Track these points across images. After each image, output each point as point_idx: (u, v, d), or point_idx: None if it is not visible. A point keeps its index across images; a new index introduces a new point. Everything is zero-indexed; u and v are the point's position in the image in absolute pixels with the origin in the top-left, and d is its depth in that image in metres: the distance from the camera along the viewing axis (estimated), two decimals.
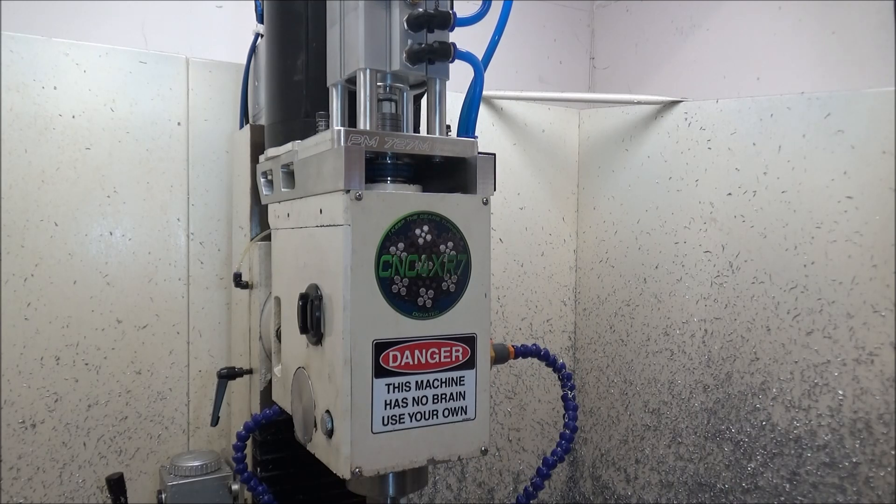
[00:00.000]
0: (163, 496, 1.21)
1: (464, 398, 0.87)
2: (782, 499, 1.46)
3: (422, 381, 0.84)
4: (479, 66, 0.92)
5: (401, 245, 0.82)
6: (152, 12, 1.56)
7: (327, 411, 0.84)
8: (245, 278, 1.21)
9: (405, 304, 0.82)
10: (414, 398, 0.83)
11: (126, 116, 1.37)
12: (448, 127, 0.91)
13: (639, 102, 1.70)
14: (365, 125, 0.84)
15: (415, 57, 0.84)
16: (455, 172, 0.89)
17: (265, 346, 1.14)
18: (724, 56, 1.83)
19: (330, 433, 0.83)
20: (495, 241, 1.73)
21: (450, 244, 0.85)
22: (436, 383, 0.85)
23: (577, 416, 1.07)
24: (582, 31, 2.21)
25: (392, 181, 0.87)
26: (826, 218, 1.40)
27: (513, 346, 1.03)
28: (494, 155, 0.89)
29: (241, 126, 1.38)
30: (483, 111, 1.70)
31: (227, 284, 1.46)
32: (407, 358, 0.83)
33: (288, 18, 1.08)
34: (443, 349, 0.85)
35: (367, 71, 0.83)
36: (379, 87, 0.87)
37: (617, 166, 1.77)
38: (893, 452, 1.32)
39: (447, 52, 0.84)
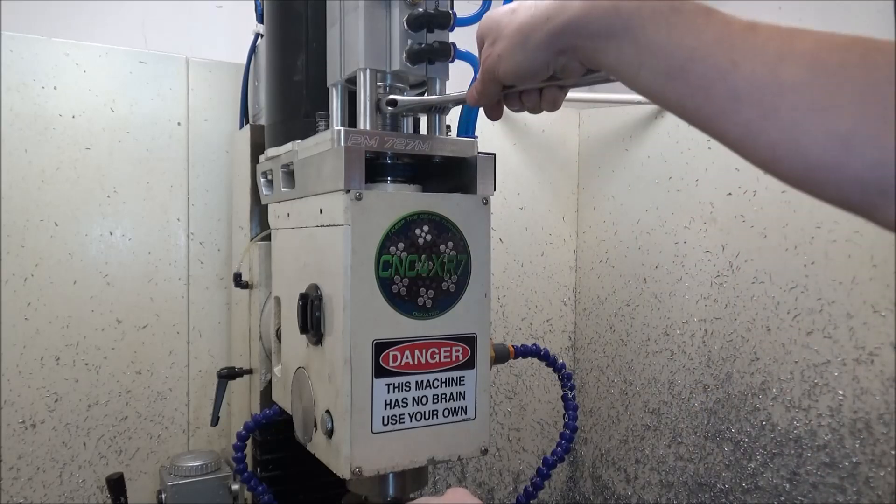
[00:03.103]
0: (163, 496, 1.21)
1: (464, 398, 0.87)
2: (782, 499, 1.46)
3: (422, 381, 0.84)
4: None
5: (401, 245, 0.82)
6: (152, 12, 1.56)
7: (327, 411, 0.83)
8: (245, 278, 1.21)
9: (405, 304, 0.82)
10: (414, 398, 0.83)
11: (126, 116, 1.37)
12: (448, 127, 0.91)
13: (639, 102, 1.70)
14: (365, 125, 0.84)
15: (415, 57, 0.84)
16: (455, 172, 0.89)
17: (265, 346, 1.14)
18: None
19: (330, 433, 0.83)
20: (495, 241, 1.73)
21: (450, 244, 0.85)
22: (436, 383, 0.85)
23: (577, 416, 1.07)
24: None
25: (392, 181, 0.87)
26: (826, 218, 1.40)
27: (513, 346, 1.03)
28: (494, 155, 0.89)
29: (241, 126, 1.38)
30: (483, 111, 1.70)
31: (227, 284, 1.46)
32: (407, 358, 0.83)
33: (288, 18, 1.08)
34: (443, 349, 0.85)
35: (367, 71, 0.83)
36: (379, 87, 0.87)
37: (617, 166, 1.77)
38: (893, 452, 1.31)
39: (447, 52, 0.84)
